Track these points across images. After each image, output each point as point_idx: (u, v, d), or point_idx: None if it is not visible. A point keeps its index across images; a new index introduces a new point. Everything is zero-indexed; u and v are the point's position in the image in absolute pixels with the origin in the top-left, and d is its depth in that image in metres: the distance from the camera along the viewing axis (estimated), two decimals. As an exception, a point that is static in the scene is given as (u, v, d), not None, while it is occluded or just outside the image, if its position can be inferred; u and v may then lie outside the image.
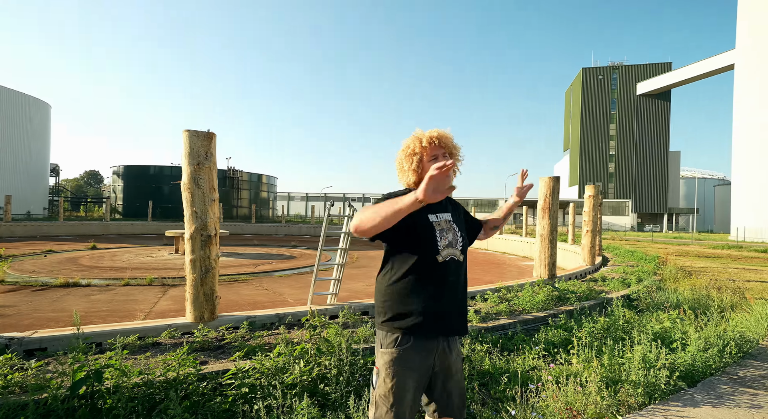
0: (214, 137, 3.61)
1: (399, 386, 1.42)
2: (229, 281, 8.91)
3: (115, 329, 3.24)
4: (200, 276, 3.50)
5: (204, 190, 3.50)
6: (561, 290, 5.39)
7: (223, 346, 3.14)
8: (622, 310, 4.14)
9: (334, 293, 4.54)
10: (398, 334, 1.45)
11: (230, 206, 35.39)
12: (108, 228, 24.17)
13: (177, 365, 2.39)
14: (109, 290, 7.68)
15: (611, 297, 5.20)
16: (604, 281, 6.79)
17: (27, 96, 34.09)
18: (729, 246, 22.11)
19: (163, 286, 8.16)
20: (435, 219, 1.50)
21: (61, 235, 21.65)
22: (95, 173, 75.44)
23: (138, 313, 6.01)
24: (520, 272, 12.12)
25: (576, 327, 3.70)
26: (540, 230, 6.91)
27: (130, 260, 11.86)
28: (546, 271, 6.69)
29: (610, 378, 2.49)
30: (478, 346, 3.22)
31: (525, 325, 4.11)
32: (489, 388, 2.70)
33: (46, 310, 6.13)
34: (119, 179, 34.58)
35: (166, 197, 31.63)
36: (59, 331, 3.13)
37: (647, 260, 10.04)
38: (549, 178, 6.92)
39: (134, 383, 2.23)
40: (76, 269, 10.14)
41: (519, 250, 18.23)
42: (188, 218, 3.50)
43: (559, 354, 3.31)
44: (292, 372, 2.36)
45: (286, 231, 28.93)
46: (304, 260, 13.04)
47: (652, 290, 5.60)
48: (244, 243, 19.31)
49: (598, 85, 66.52)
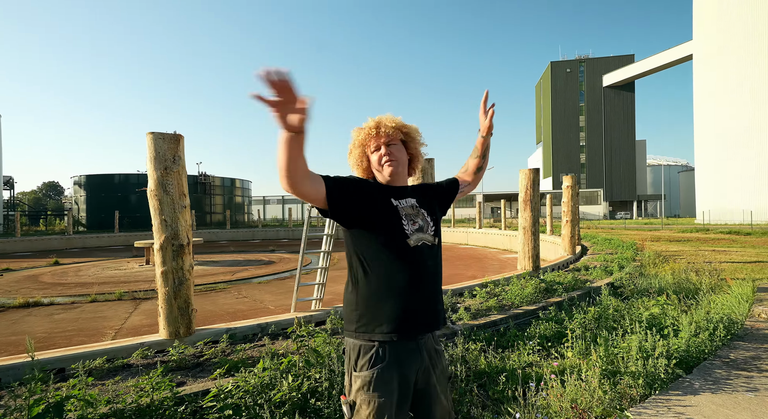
0: (181, 139, 3.37)
1: (380, 414, 1.23)
2: (205, 291, 8.55)
3: (78, 352, 2.97)
4: (173, 289, 3.26)
5: (173, 196, 3.26)
6: (548, 281, 5.41)
7: (202, 363, 2.93)
8: (609, 299, 4.17)
9: (318, 298, 4.37)
10: (374, 349, 1.27)
11: (203, 213, 34.32)
12: (71, 242, 22.89)
13: (151, 389, 2.19)
14: (74, 308, 7.20)
15: (597, 286, 5.26)
16: (587, 270, 6.90)
17: (-27, 104, 31.82)
18: (696, 229, 23.24)
19: (134, 300, 7.72)
20: (398, 204, 1.37)
21: (18, 252, 20.32)
22: (55, 185, 71.54)
23: (107, 331, 5.64)
24: (502, 265, 12.26)
25: (567, 318, 3.68)
26: (522, 222, 6.95)
27: (96, 275, 11.22)
28: (530, 263, 6.73)
29: (609, 369, 2.46)
30: (471, 345, 3.15)
31: (516, 320, 4.08)
32: (487, 389, 2.62)
33: (3, 334, 5.66)
34: (81, 190, 32.86)
35: (134, 207, 30.29)
36: (14, 359, 2.83)
37: (625, 247, 10.34)
38: (529, 170, 6.96)
39: (101, 413, 2.01)
40: (37, 287, 9.49)
41: (499, 243, 18.49)
42: (157, 227, 3.25)
43: (554, 348, 3.28)
44: (279, 389, 2.19)
45: (264, 236, 28.29)
46: (284, 265, 12.73)
47: (634, 276, 5.71)
48: (219, 250, 18.72)
49: (566, 78, 68.56)
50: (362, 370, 1.27)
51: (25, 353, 3.07)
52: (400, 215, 1.35)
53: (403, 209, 1.37)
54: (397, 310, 1.28)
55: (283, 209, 58.45)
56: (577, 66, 68.51)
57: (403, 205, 1.38)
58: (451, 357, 2.94)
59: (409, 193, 1.44)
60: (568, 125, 68.27)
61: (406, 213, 1.36)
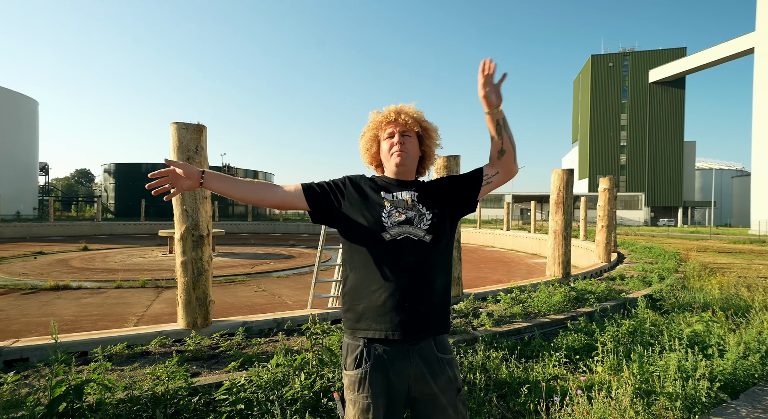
0: (204, 129, 3.46)
1: (365, 416, 1.23)
2: (225, 283, 8.81)
3: (100, 337, 3.12)
4: (192, 279, 3.37)
5: (195, 186, 3.35)
6: (578, 290, 5.24)
7: (218, 355, 3.01)
8: (646, 311, 3.99)
9: (335, 295, 4.41)
10: (359, 349, 1.27)
11: (226, 205, 35.38)
12: (100, 228, 24.16)
13: (166, 378, 2.26)
14: (100, 293, 7.59)
15: (634, 297, 5.04)
16: (622, 279, 6.64)
17: (14, 93, 33.98)
18: (751, 240, 21.86)
19: (156, 288, 8.06)
20: (389, 197, 1.34)
21: (51, 236, 21.64)
22: (86, 172, 75.59)
23: (130, 317, 5.91)
24: (529, 270, 11.98)
25: (598, 330, 3.56)
26: (553, 226, 6.75)
27: (122, 262, 11.79)
28: (560, 269, 6.54)
29: (642, 389, 2.35)
30: (493, 353, 3.08)
31: (542, 329, 3.97)
32: (507, 400, 2.57)
33: (34, 314, 6.04)
34: (111, 178, 34.59)
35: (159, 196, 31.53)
36: (42, 340, 3.01)
37: (667, 257, 9.86)
38: (563, 170, 6.74)
39: (119, 399, 2.10)
40: (67, 271, 10.07)
41: (527, 247, 18.07)
42: (178, 218, 3.36)
43: (582, 361, 3.17)
44: (291, 386, 2.22)
45: (284, 230, 28.87)
46: (303, 260, 12.94)
47: (676, 289, 5.44)
48: (240, 243, 19.25)
49: (608, 72, 65.80)
50: (349, 369, 1.28)
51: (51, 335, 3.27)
52: (384, 208, 1.31)
53: (391, 203, 1.33)
54: (372, 309, 1.26)
55: (305, 203, 59.19)
56: (621, 60, 65.64)
57: (394, 198, 1.34)
58: (471, 364, 2.89)
59: (412, 187, 1.39)
60: (609, 123, 65.60)
61: (393, 206, 1.32)
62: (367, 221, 1.30)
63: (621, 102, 65.22)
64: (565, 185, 6.64)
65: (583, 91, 71.15)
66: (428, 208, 1.34)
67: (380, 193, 1.35)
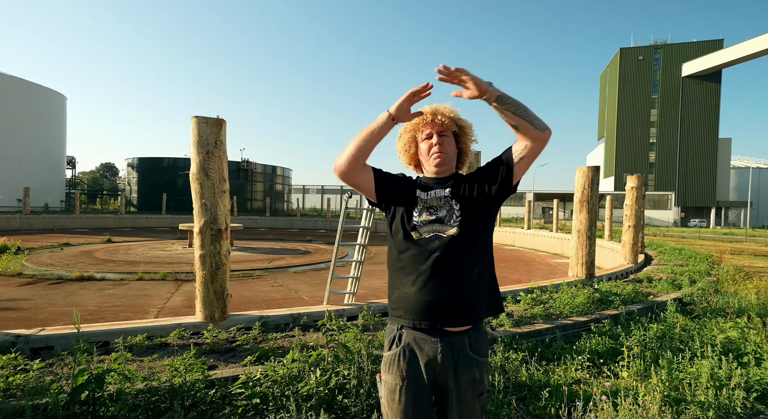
0: (223, 123, 3.51)
1: (393, 398, 1.35)
2: (242, 277, 8.97)
3: (121, 328, 3.22)
4: (210, 273, 3.43)
5: (213, 180, 3.41)
6: (603, 291, 5.10)
7: (234, 349, 3.06)
8: (676, 316, 3.84)
9: (352, 292, 4.42)
10: (394, 333, 1.39)
11: (244, 199, 35.96)
12: (123, 221, 24.97)
13: (184, 370, 2.31)
14: (123, 285, 7.85)
15: (662, 301, 4.87)
16: (650, 281, 6.43)
17: (43, 88, 35.38)
18: (789, 244, 20.82)
19: (176, 281, 8.27)
20: (423, 196, 1.43)
21: (77, 228, 22.50)
22: (111, 166, 78.21)
23: (151, 309, 6.08)
24: (551, 270, 11.74)
25: (624, 334, 3.45)
26: (577, 224, 6.59)
27: (144, 254, 12.15)
28: (584, 270, 6.39)
29: (671, 396, 2.26)
30: (512, 354, 3.03)
31: (564, 331, 3.88)
32: (527, 403, 2.52)
33: (60, 304, 6.29)
34: (134, 172, 35.65)
35: (180, 190, 32.39)
36: (66, 329, 3.13)
37: (698, 259, 9.50)
38: (588, 168, 6.57)
39: (138, 389, 2.16)
40: (92, 262, 10.45)
41: (549, 246, 17.71)
42: (197, 211, 3.42)
43: (606, 366, 3.08)
44: (307, 382, 2.23)
45: (302, 225, 29.17)
46: (320, 256, 13.05)
47: (708, 293, 5.22)
48: (258, 237, 19.55)
49: (638, 66, 63.56)
50: (385, 350, 1.42)
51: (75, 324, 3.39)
52: (417, 207, 1.41)
53: (425, 201, 1.41)
54: (404, 299, 1.36)
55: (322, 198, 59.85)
56: (652, 53, 63.29)
57: (429, 197, 1.42)
58: (489, 366, 2.84)
59: (449, 183, 1.44)
60: (638, 119, 63.45)
61: (427, 205, 1.40)
62: (402, 219, 1.41)
63: (651, 97, 62.95)
64: (590, 183, 6.46)
65: (610, 86, 69.00)
66: (460, 202, 1.39)
67: (416, 191, 1.44)
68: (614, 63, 66.87)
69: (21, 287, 7.45)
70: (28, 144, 33.10)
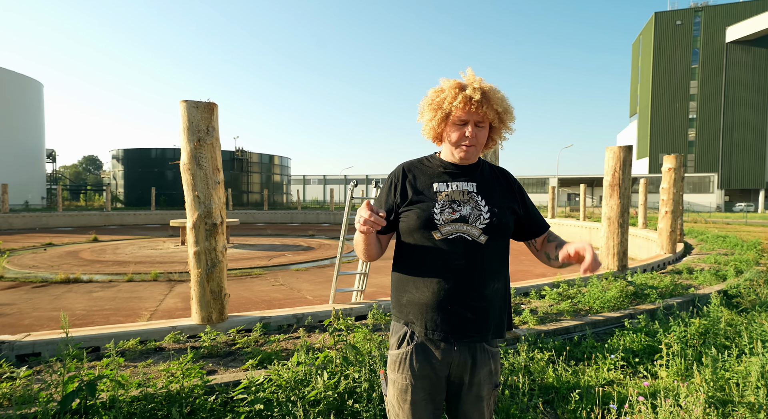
0: (215, 107, 3.52)
1: (405, 398, 1.35)
2: (240, 276, 9.08)
3: (113, 332, 3.28)
4: (206, 271, 3.47)
5: (206, 170, 3.43)
6: (637, 284, 5.07)
7: (234, 352, 3.11)
8: (720, 310, 3.81)
9: (359, 289, 4.45)
10: (402, 331, 1.38)
11: (240, 192, 36.21)
12: (109, 218, 25.35)
13: (181, 375, 2.36)
14: (111, 287, 8.00)
15: (705, 293, 4.84)
16: (690, 273, 6.37)
17: (17, 74, 35.64)
18: None
19: (169, 282, 8.40)
20: (442, 189, 1.37)
21: (60, 226, 22.90)
22: (94, 159, 79.23)
23: (143, 311, 6.20)
24: (581, 262, 11.68)
25: (661, 330, 3.44)
26: (607, 211, 6.53)
27: (133, 253, 12.35)
28: (615, 261, 6.35)
29: (717, 397, 2.25)
30: (537, 354, 3.04)
31: (594, 328, 3.88)
32: (555, 407, 2.53)
33: (46, 308, 6.43)
34: (119, 164, 36.04)
35: (170, 183, 32.71)
36: (54, 334, 3.20)
37: (745, 247, 9.37)
38: (619, 148, 6.48)
39: (133, 396, 2.21)
40: (77, 263, 10.65)
41: (576, 236, 17.62)
42: (190, 204, 3.46)
43: (642, 365, 3.07)
44: (314, 386, 2.26)
45: (303, 219, 29.34)
46: (324, 252, 13.13)
47: (757, 284, 5.17)
48: (256, 233, 19.73)
49: (675, 32, 62.12)
50: (392, 348, 1.40)
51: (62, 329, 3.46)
52: (438, 202, 1.34)
53: (443, 195, 1.35)
54: (415, 305, 1.34)
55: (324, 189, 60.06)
56: (692, 16, 61.71)
57: (450, 189, 1.37)
58: (512, 366, 2.86)
59: (472, 174, 1.41)
60: (675, 92, 62.24)
61: (449, 200, 1.34)
62: (419, 218, 1.34)
63: (690, 67, 61.57)
64: (621, 165, 6.38)
65: (644, 55, 67.57)
66: (488, 203, 1.36)
67: (434, 185, 1.38)
68: (648, 29, 65.35)
69: (3, 291, 7.63)
70: (3, 137, 33.48)
